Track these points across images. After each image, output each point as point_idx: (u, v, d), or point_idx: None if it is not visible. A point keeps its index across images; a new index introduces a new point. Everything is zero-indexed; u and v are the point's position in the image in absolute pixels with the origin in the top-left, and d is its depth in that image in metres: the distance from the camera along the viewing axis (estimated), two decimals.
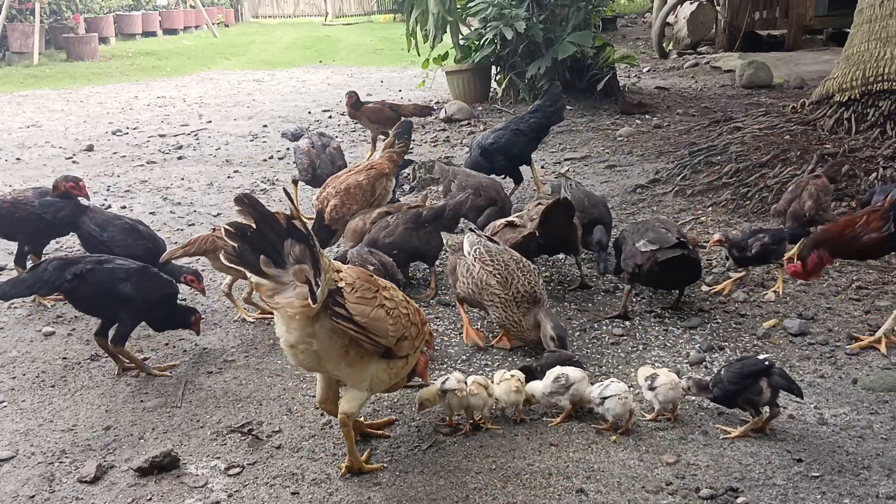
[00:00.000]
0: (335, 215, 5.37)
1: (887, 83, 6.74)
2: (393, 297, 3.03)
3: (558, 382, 3.39)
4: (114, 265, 4.02)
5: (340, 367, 2.98)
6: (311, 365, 3.04)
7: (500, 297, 4.08)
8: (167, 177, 8.39)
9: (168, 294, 4.14)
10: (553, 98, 6.79)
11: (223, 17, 29.07)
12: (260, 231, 2.69)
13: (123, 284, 3.94)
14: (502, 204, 5.49)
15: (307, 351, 2.92)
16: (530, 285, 4.10)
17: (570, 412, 3.46)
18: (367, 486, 3.09)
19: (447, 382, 3.37)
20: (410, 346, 3.12)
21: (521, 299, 4.06)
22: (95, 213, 5.02)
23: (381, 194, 5.53)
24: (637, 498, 2.94)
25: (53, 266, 3.93)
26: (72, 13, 20.04)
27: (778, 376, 3.23)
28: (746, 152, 6.93)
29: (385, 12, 27.36)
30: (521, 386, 3.49)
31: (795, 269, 3.89)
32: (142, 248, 4.80)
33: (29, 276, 3.95)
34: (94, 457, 3.37)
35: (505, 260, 4.18)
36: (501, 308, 4.07)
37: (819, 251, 3.85)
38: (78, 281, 3.89)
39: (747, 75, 11.45)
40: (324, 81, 15.83)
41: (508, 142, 6.44)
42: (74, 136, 10.60)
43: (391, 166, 5.67)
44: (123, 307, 3.97)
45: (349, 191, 5.39)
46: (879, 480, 2.99)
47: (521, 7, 10.40)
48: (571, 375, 3.41)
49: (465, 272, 4.27)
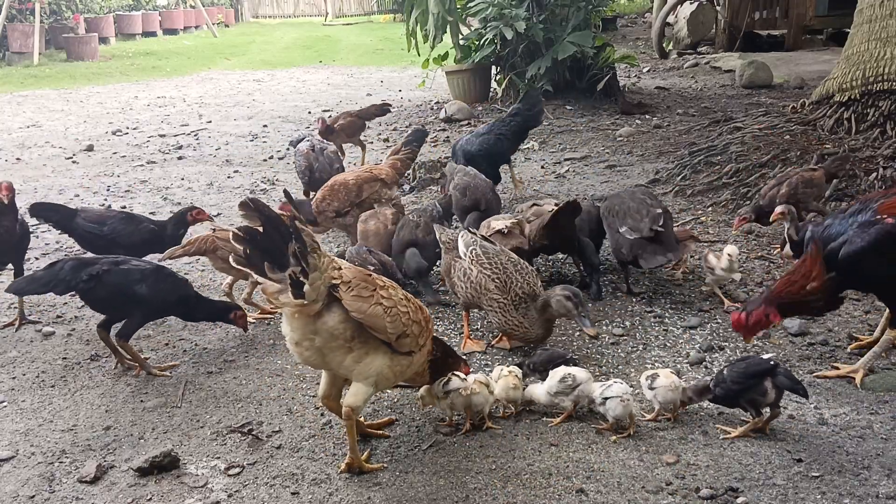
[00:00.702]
0: (315, 209, 5.40)
1: (887, 83, 6.75)
2: (391, 296, 3.05)
3: (565, 383, 3.39)
4: (129, 266, 4.06)
5: (345, 363, 3.01)
6: (315, 361, 3.07)
7: (499, 303, 4.03)
8: (167, 177, 8.39)
9: (184, 295, 4.17)
10: (532, 101, 6.82)
11: (223, 17, 29.08)
12: (267, 234, 2.74)
13: (139, 285, 3.98)
14: (487, 206, 5.46)
15: (311, 348, 2.97)
16: (529, 286, 4.05)
17: (571, 412, 3.46)
18: (367, 486, 3.09)
19: (450, 383, 3.37)
20: (413, 343, 3.13)
21: (518, 301, 4.02)
22: (87, 212, 4.99)
23: (369, 197, 5.53)
24: (637, 498, 2.94)
25: (70, 266, 3.98)
26: (72, 13, 20.05)
27: (783, 376, 3.23)
28: (746, 152, 6.93)
29: (385, 12, 27.37)
30: (518, 382, 3.51)
31: (738, 319, 3.57)
32: (147, 232, 4.84)
33: (45, 274, 4.01)
34: (94, 457, 3.37)
35: (503, 262, 4.11)
36: (501, 313, 4.03)
37: (766, 307, 3.48)
38: (94, 281, 3.94)
39: (747, 75, 11.46)
40: (324, 81, 15.84)
41: (493, 147, 6.48)
42: (74, 136, 10.61)
43: (391, 173, 5.67)
44: (138, 307, 4.02)
45: (333, 187, 5.42)
46: (879, 480, 2.99)
47: (521, 7, 10.40)
48: (578, 376, 3.41)
49: (461, 276, 4.20)
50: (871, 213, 3.49)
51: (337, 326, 2.92)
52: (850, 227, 3.50)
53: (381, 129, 10.47)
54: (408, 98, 12.97)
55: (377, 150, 9.26)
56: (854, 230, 3.47)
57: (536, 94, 6.90)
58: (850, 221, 3.53)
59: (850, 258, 3.44)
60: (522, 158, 8.37)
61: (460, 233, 4.43)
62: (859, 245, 3.42)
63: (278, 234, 2.74)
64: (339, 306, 2.91)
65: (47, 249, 6.21)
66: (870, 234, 3.42)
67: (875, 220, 3.45)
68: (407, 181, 7.69)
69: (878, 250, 3.41)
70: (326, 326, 2.91)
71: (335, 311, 2.92)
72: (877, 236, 3.41)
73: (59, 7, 19.87)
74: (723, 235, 5.70)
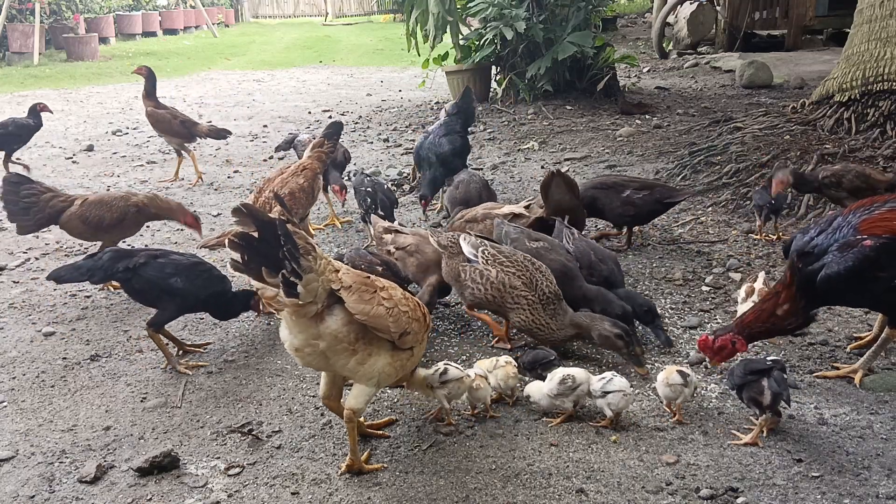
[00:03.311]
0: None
1: (887, 83, 6.74)
2: (392, 297, 3.07)
3: (565, 384, 3.39)
4: (166, 260, 4.14)
5: (349, 366, 3.02)
6: (318, 365, 3.08)
7: (527, 299, 3.93)
8: (167, 177, 8.39)
9: (219, 290, 4.23)
10: (469, 97, 6.89)
11: (223, 17, 29.09)
12: (263, 239, 2.73)
13: (173, 279, 4.07)
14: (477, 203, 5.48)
15: (314, 353, 2.98)
16: (552, 284, 3.98)
17: (572, 413, 3.46)
18: (367, 486, 3.09)
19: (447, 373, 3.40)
20: (414, 339, 3.16)
21: (546, 300, 3.93)
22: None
23: (317, 194, 5.58)
24: (637, 498, 2.94)
25: (108, 256, 4.18)
26: (72, 13, 20.04)
27: (774, 379, 3.18)
28: (746, 152, 6.93)
29: (385, 12, 27.39)
30: (516, 372, 3.61)
31: (704, 341, 3.50)
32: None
33: (85, 263, 4.23)
34: (94, 457, 3.37)
35: (521, 260, 4.05)
36: (529, 311, 3.93)
37: (734, 335, 3.47)
38: (130, 273, 4.09)
39: (747, 75, 11.46)
40: (324, 81, 15.84)
41: (462, 144, 6.63)
42: (74, 136, 10.60)
43: (320, 166, 5.71)
44: (173, 300, 4.11)
45: (295, 195, 5.33)
46: (879, 480, 2.99)
47: (521, 7, 10.40)
48: (578, 377, 3.41)
49: (477, 277, 4.08)
50: (852, 231, 3.40)
51: (341, 329, 2.92)
52: (832, 244, 3.41)
53: (381, 129, 10.47)
54: (408, 98, 12.97)
55: (377, 150, 9.27)
56: (834, 253, 3.38)
57: (469, 91, 7.01)
58: (831, 239, 3.43)
59: (828, 283, 3.37)
60: (522, 158, 8.38)
61: (460, 236, 4.35)
62: (836, 270, 3.34)
63: (273, 237, 2.73)
64: (341, 309, 2.92)
65: (47, 249, 6.22)
66: (847, 259, 3.33)
67: (853, 242, 3.35)
68: (407, 181, 7.69)
69: (858, 275, 3.33)
70: (330, 330, 2.91)
71: (337, 314, 2.92)
72: (854, 261, 3.32)
73: (59, 7, 19.85)
74: (722, 235, 5.70)
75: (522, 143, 8.98)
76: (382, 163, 8.58)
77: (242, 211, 2.73)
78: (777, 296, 3.51)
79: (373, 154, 9.04)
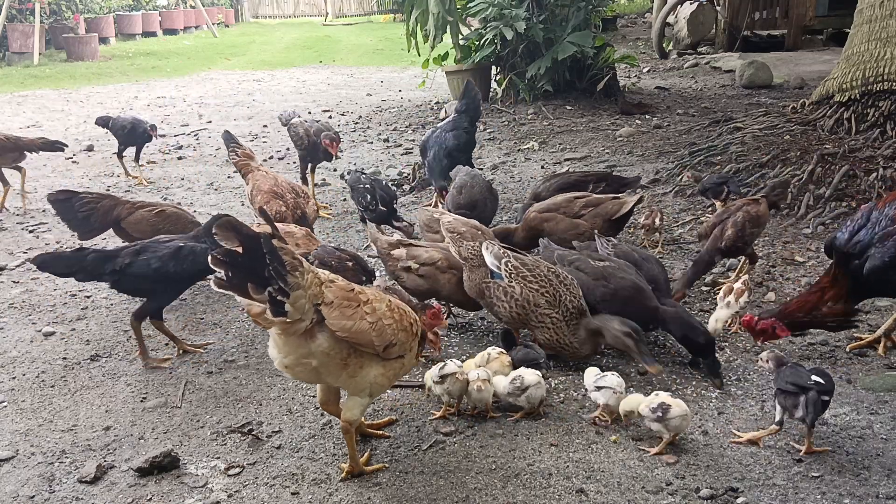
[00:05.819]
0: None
1: (887, 83, 6.75)
2: (375, 310, 2.98)
3: (514, 384, 3.46)
4: (149, 255, 4.14)
5: (340, 379, 2.99)
6: (310, 379, 3.07)
7: (551, 318, 3.77)
8: (167, 177, 8.39)
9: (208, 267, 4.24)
10: (473, 93, 6.93)
11: (223, 18, 29.08)
12: (247, 255, 2.63)
13: (162, 269, 4.10)
14: (482, 207, 5.49)
15: (306, 371, 2.94)
16: (577, 298, 3.79)
17: (534, 411, 3.49)
18: (367, 486, 3.09)
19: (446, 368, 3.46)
20: (401, 349, 3.09)
21: (570, 317, 3.76)
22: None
23: None
24: (637, 498, 2.94)
25: (93, 257, 4.14)
26: (72, 13, 20.03)
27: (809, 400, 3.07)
28: (746, 152, 6.94)
29: (385, 12, 27.38)
30: (510, 361, 3.69)
31: (749, 320, 3.68)
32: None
33: (70, 257, 4.18)
34: (94, 457, 3.37)
35: (545, 273, 3.86)
36: (554, 330, 3.77)
37: (774, 321, 3.64)
38: (118, 275, 4.10)
39: (747, 75, 11.46)
40: (324, 81, 15.84)
41: (466, 141, 6.73)
42: (74, 136, 10.60)
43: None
44: (166, 291, 4.21)
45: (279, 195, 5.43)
46: (879, 480, 2.99)
47: (521, 7, 10.40)
48: (527, 379, 3.45)
49: (502, 296, 3.88)
50: (890, 222, 3.62)
51: (333, 346, 2.86)
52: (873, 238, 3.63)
53: (381, 129, 10.47)
54: (408, 98, 12.98)
55: (377, 150, 9.27)
56: (876, 245, 3.60)
57: (472, 86, 7.05)
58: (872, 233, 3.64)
59: (874, 273, 3.58)
60: (522, 158, 8.38)
61: (483, 244, 4.11)
62: (881, 259, 3.56)
63: (257, 253, 2.62)
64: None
65: (47, 249, 6.21)
66: (890, 248, 3.55)
67: (893, 231, 3.59)
68: (407, 181, 7.69)
69: None
70: (322, 348, 2.85)
71: (327, 330, 2.85)
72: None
73: (59, 7, 19.85)
74: None
75: (522, 144, 8.98)
76: (382, 163, 8.58)
77: (225, 226, 2.62)
78: (822, 291, 3.69)
79: (373, 154, 9.04)
